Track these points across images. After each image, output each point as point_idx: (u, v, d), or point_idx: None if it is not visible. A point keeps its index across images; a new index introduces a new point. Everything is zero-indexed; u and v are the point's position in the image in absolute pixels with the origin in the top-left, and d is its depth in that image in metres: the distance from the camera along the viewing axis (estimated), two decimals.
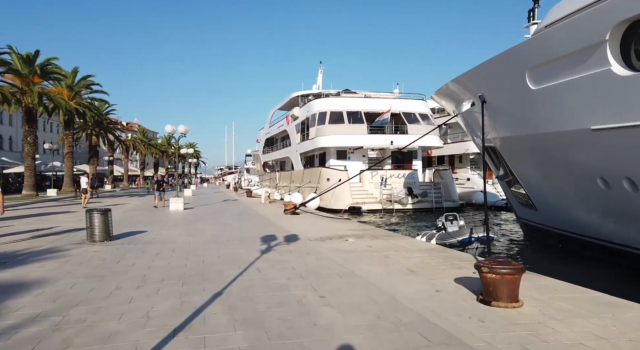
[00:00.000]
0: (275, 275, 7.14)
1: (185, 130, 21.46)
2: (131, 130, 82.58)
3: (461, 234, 10.72)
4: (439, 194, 26.86)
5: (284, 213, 18.84)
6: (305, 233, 12.50)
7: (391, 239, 11.32)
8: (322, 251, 9.43)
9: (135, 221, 15.67)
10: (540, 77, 9.47)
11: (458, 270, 7.40)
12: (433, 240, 11.00)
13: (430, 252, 9.27)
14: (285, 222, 15.47)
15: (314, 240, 11.05)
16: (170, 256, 8.82)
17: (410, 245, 10.25)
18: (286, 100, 40.89)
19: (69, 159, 38.10)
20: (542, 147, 10.30)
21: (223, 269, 7.56)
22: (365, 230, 13.11)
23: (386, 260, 8.33)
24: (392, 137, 28.52)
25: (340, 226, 14.44)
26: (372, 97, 31.01)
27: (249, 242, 10.71)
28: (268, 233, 12.46)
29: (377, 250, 9.47)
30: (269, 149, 49.67)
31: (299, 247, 10.02)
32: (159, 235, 11.94)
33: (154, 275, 7.05)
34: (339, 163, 29.25)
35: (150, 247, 9.91)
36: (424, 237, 11.81)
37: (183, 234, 12.35)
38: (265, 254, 9.12)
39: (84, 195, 23.04)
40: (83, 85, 38.64)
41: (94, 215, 10.59)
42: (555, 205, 11.75)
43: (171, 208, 20.74)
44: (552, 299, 5.69)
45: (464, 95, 14.61)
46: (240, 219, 17.01)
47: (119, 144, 58.74)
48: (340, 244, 10.43)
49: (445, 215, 11.76)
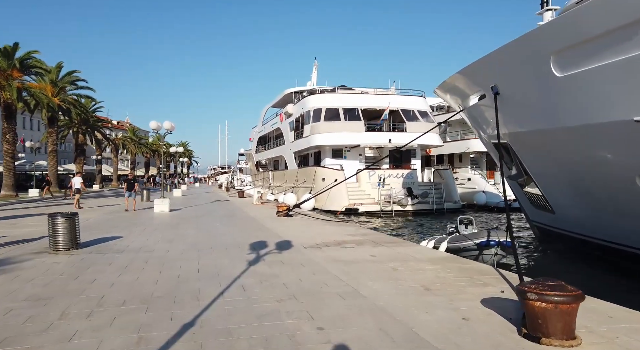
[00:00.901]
0: (263, 295, 5.88)
1: (172, 126, 20.13)
2: (122, 129, 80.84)
3: (478, 236, 9.51)
4: (439, 195, 25.68)
5: (277, 215, 17.56)
6: (300, 239, 11.24)
7: (396, 246, 10.09)
8: (319, 262, 8.18)
9: (113, 225, 14.33)
10: (568, 63, 8.28)
11: (482, 289, 6.18)
12: (444, 243, 9.77)
13: (443, 262, 8.05)
14: (278, 226, 14.21)
15: (309, 248, 9.80)
16: (141, 269, 7.52)
17: (418, 253, 9.02)
18: (279, 97, 39.56)
19: (53, 158, 36.60)
20: (568, 143, 9.12)
21: (200, 287, 6.29)
22: (365, 236, 11.88)
23: (394, 274, 7.09)
24: (390, 135, 27.29)
25: (337, 230, 13.20)
26: (369, 94, 29.73)
27: (235, 251, 9.44)
28: (258, 239, 11.20)
29: (382, 261, 8.23)
30: (262, 148, 48.34)
31: (292, 256, 8.76)
32: (135, 242, 10.63)
33: (115, 297, 5.76)
34: (334, 162, 27.99)
35: (120, 257, 8.61)
36: (431, 241, 10.57)
37: (162, 240, 11.04)
38: (252, 265, 7.86)
39: (77, 196, 21.59)
40: (68, 81, 37.10)
41: (58, 221, 9.26)
42: (578, 208, 10.60)
43: (156, 210, 19.39)
44: (613, 332, 4.47)
45: (471, 88, 13.41)
46: (229, 222, 15.72)
47: (108, 142, 57.09)
48: (339, 253, 9.18)
49: (460, 219, 10.54)
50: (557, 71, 8.58)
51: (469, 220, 10.51)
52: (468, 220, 10.53)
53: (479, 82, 12.40)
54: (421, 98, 30.13)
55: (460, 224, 10.42)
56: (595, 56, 7.52)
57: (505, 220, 22.80)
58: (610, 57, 7.23)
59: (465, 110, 14.86)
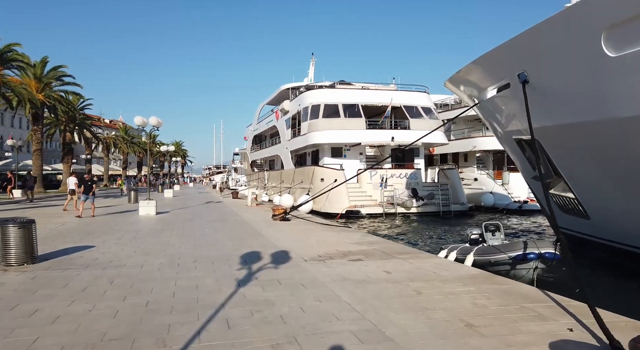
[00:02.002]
0: (254, 335, 4.40)
1: (158, 122, 18.59)
2: (115, 128, 79.07)
3: (512, 248, 7.99)
4: (446, 196, 24.19)
5: (272, 219, 16.08)
6: (299, 248, 9.76)
7: (412, 258, 8.61)
8: (324, 281, 6.70)
9: (89, 231, 12.78)
10: (625, 39, 6.84)
11: (541, 324, 4.72)
12: (469, 256, 8.27)
13: (476, 282, 6.59)
14: (274, 232, 12.72)
15: (310, 261, 8.31)
16: (101, 294, 6.00)
17: (442, 269, 7.55)
18: (275, 94, 37.95)
19: (38, 157, 34.86)
20: (619, 137, 7.69)
21: (172, 323, 4.78)
22: (372, 245, 10.41)
23: (421, 301, 5.61)
24: (393, 132, 25.76)
25: (340, 237, 11.73)
26: (370, 89, 28.18)
27: (223, 266, 7.94)
28: (250, 249, 9.70)
29: (401, 280, 6.75)
30: (257, 147, 46.73)
31: (290, 273, 7.27)
32: (106, 254, 9.09)
33: (49, 342, 4.24)
34: (333, 161, 26.46)
35: (81, 276, 7.08)
36: (453, 252, 9.05)
37: (139, 251, 9.51)
38: (242, 287, 6.36)
39: (71, 197, 19.69)
40: (53, 77, 35.36)
41: (9, 230, 7.70)
42: (621, 214, 9.18)
43: (140, 213, 17.84)
44: None
45: (489, 78, 11.97)
46: (219, 227, 14.20)
47: (98, 141, 55.31)
48: (347, 268, 7.70)
49: (485, 225, 9.02)
50: (610, 50, 7.13)
51: (496, 227, 8.98)
52: (495, 226, 9.00)
53: (501, 70, 10.95)
54: (424, 94, 28.62)
55: (486, 230, 8.90)
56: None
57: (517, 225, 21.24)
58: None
59: (480, 104, 13.41)
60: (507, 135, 12.48)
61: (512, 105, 10.90)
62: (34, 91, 33.02)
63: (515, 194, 26.39)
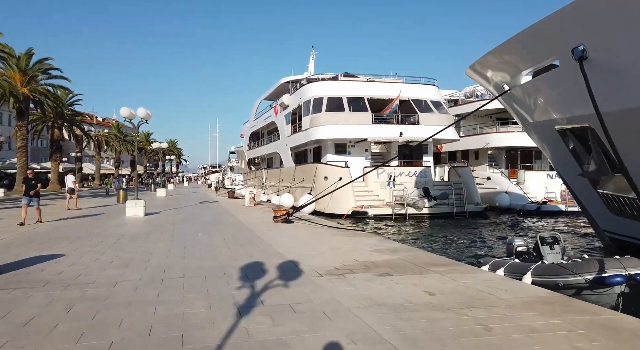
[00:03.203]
0: None
1: (147, 114, 16.85)
2: (107, 126, 77.08)
3: (587, 268, 6.31)
4: (459, 196, 22.54)
5: (274, 221, 14.43)
6: (309, 258, 8.13)
7: (451, 271, 6.98)
8: (351, 308, 5.07)
9: (64, 235, 11.10)
10: None
11: None
12: (526, 278, 6.61)
13: (553, 309, 4.98)
14: (277, 237, 11.07)
15: (327, 276, 6.67)
16: (48, 331, 4.34)
17: (496, 287, 5.93)
18: (274, 88, 36.18)
19: (23, 154, 33.02)
20: None
21: None
22: (396, 252, 8.78)
23: (497, 345, 3.98)
24: (402, 127, 24.05)
25: (355, 243, 10.10)
26: (376, 82, 26.47)
27: (218, 282, 6.29)
28: (251, 258, 8.05)
29: (453, 306, 5.13)
30: (254, 144, 44.96)
31: (305, 294, 5.63)
32: (75, 265, 7.42)
33: None
34: (337, 158, 24.78)
35: (33, 298, 5.41)
36: (500, 269, 7.35)
37: (116, 261, 7.84)
38: (244, 317, 4.72)
39: (72, 196, 19.11)
40: (39, 70, 33.45)
41: None
42: None
43: (128, 214, 16.12)
44: None
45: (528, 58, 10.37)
46: (215, 230, 12.53)
47: (89, 139, 53.36)
48: (375, 286, 6.07)
49: (542, 237, 7.32)
50: None
51: (554, 239, 7.27)
52: (553, 238, 7.29)
53: (546, 48, 9.34)
54: (434, 87, 26.91)
55: (543, 243, 7.21)
56: None
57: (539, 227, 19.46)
58: None
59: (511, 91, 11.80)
60: (546, 126, 10.86)
61: (559, 89, 9.30)
62: (19, 84, 31.19)
63: (532, 193, 24.82)
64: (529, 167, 27.85)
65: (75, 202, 19.09)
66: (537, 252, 7.25)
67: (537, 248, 7.27)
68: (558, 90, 9.43)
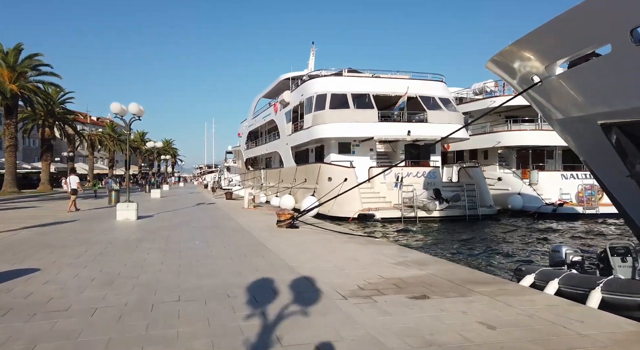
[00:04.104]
0: None
1: (140, 110, 15.68)
2: (102, 125, 75.71)
3: None
4: (472, 198, 21.39)
5: (277, 225, 13.26)
6: (324, 272, 6.98)
7: (501, 293, 5.83)
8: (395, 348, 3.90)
9: (44, 243, 9.90)
10: None
11: None
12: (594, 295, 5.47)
13: None
14: (283, 245, 9.90)
15: (351, 299, 5.51)
16: None
17: (568, 318, 4.79)
18: (273, 85, 34.92)
19: (11, 153, 31.71)
20: None
21: None
22: (424, 266, 7.63)
23: None
24: (410, 126, 22.89)
25: (372, 253, 8.95)
26: (381, 78, 25.29)
27: (221, 309, 5.12)
28: (258, 273, 6.89)
29: (526, 348, 3.96)
30: (252, 144, 43.69)
31: (332, 327, 4.47)
32: (49, 284, 6.23)
33: None
34: (341, 158, 23.58)
35: None
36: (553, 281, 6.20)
37: (99, 278, 6.64)
38: None
39: (72, 197, 18.38)
40: (28, 66, 32.09)
41: None
42: None
43: (118, 218, 14.92)
44: None
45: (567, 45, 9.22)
46: (213, 236, 11.34)
47: (82, 138, 51.94)
48: (416, 315, 4.92)
49: (612, 248, 6.19)
50: None
51: (626, 249, 6.17)
52: (625, 248, 6.19)
53: (593, 31, 8.19)
54: (442, 83, 25.74)
55: (614, 254, 6.10)
56: None
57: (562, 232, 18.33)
58: None
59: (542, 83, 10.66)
60: (586, 120, 9.72)
61: (609, 77, 8.18)
62: (7, 81, 29.86)
63: (546, 195, 23.71)
64: (541, 167, 26.76)
65: (70, 203, 18.43)
66: (605, 264, 6.10)
67: (604, 259, 6.13)
68: (608, 80, 8.32)
